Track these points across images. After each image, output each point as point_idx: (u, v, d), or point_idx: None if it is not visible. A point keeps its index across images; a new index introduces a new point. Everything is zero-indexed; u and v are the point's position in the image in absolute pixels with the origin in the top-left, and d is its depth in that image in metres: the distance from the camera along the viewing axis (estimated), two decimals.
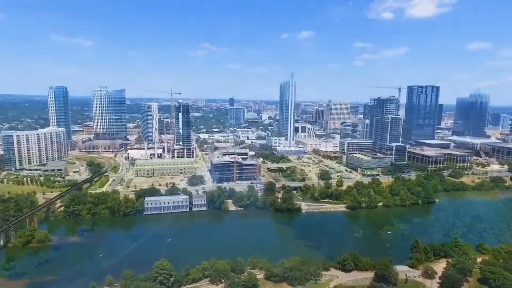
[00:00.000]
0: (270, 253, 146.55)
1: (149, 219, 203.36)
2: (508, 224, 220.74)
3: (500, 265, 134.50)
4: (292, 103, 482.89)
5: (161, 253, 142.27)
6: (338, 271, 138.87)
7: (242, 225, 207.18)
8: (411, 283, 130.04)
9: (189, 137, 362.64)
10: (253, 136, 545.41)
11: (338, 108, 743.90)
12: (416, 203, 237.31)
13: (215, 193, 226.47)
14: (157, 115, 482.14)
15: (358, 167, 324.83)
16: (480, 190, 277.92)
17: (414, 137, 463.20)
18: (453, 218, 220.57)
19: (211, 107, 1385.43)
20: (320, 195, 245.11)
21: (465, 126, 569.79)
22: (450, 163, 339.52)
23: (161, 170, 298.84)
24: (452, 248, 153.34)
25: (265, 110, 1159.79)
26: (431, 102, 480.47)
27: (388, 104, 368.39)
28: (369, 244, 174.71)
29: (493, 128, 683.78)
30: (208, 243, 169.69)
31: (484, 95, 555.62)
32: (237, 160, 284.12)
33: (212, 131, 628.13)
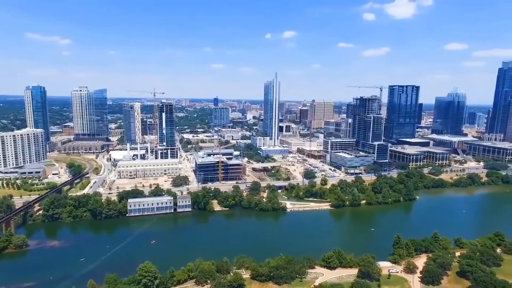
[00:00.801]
0: (256, 253, 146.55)
1: (133, 221, 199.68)
2: (484, 218, 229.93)
3: (477, 258, 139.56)
4: (276, 102, 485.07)
5: (145, 255, 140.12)
6: (323, 268, 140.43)
7: (227, 225, 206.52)
8: (393, 278, 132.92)
9: (173, 138, 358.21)
10: (237, 136, 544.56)
11: (322, 107, 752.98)
12: (398, 200, 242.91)
13: (200, 194, 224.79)
14: (140, 115, 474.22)
15: (341, 165, 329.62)
16: (458, 187, 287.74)
17: (395, 136, 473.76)
18: (433, 214, 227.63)
19: (195, 107, 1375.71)
20: (305, 194, 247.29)
21: (443, 124, 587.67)
22: (430, 161, 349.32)
23: (144, 171, 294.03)
24: (432, 243, 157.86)
25: (250, 109, 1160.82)
26: (411, 102, 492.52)
27: (370, 103, 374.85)
28: (353, 241, 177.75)
29: (469, 127, 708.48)
30: (194, 244, 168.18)
31: (461, 94, 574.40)
32: (222, 160, 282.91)
33: (196, 131, 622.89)
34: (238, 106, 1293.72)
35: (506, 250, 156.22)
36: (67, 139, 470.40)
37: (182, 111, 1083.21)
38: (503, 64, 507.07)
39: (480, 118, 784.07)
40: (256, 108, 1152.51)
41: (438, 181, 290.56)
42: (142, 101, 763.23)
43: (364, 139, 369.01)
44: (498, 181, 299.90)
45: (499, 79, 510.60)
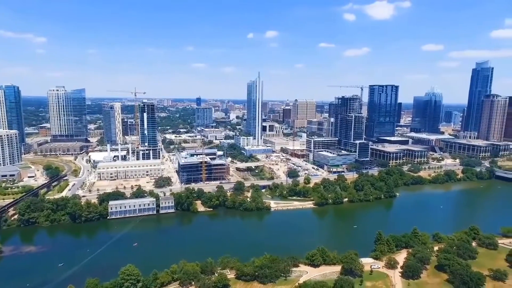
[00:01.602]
0: (240, 253, 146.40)
1: (114, 224, 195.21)
2: (460, 213, 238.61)
3: (454, 252, 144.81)
4: (259, 102, 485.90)
5: (127, 258, 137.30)
6: (307, 266, 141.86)
7: (211, 225, 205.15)
8: (375, 274, 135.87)
9: (154, 138, 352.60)
10: (221, 136, 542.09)
11: (305, 107, 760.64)
12: (379, 198, 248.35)
13: (183, 195, 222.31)
14: (120, 116, 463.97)
15: (324, 164, 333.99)
16: (435, 183, 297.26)
17: (376, 134, 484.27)
18: (412, 210, 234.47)
19: (177, 107, 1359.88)
20: (288, 193, 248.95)
21: (421, 123, 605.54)
22: (409, 159, 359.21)
23: (125, 172, 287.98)
24: (412, 238, 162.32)
25: (233, 109, 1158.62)
26: (391, 101, 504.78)
27: (351, 103, 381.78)
28: (336, 239, 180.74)
29: (446, 125, 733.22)
30: (177, 246, 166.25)
31: (437, 94, 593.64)
32: (205, 161, 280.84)
33: (179, 131, 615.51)
34: (221, 106, 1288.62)
35: (480, 243, 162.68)
36: (44, 140, 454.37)
37: (164, 111, 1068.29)
38: (477, 65, 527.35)
39: (455, 117, 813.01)
40: (239, 108, 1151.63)
41: (417, 178, 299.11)
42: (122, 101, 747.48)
43: (346, 138, 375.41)
44: (472, 177, 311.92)
45: (473, 79, 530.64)
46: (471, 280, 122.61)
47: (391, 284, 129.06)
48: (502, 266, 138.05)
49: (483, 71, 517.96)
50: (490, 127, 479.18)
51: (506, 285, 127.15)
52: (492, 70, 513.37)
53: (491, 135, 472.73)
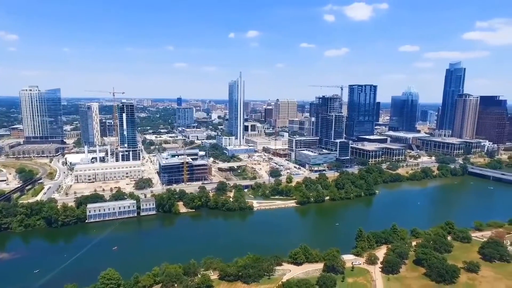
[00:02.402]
0: (224, 253, 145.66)
1: (93, 227, 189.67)
2: (436, 209, 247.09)
3: (431, 247, 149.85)
4: (241, 102, 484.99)
5: (107, 262, 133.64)
6: (290, 265, 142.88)
7: (194, 226, 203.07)
8: (357, 270, 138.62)
9: (134, 139, 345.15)
10: (202, 136, 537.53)
11: (286, 106, 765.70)
12: (360, 195, 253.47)
13: (165, 196, 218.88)
14: (98, 116, 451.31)
15: (306, 163, 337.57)
16: (413, 180, 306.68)
17: (355, 133, 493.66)
18: (391, 207, 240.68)
19: (157, 107, 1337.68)
20: (271, 192, 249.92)
21: (399, 122, 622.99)
22: (388, 157, 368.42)
23: (104, 174, 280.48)
24: (391, 234, 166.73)
25: (215, 109, 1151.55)
26: (370, 100, 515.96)
27: (332, 102, 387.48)
28: (318, 237, 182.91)
29: (422, 124, 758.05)
30: (159, 248, 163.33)
31: (414, 93, 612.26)
32: (187, 161, 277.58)
33: (159, 132, 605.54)
34: (203, 105, 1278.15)
35: (455, 237, 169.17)
36: (16, 142, 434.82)
37: (144, 111, 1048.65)
38: (450, 66, 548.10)
39: (431, 116, 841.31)
40: (221, 108, 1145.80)
41: (395, 176, 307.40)
42: (100, 101, 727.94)
43: (326, 137, 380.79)
44: (447, 173, 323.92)
45: (447, 80, 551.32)
46: (447, 273, 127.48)
47: (371, 279, 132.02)
48: (475, 258, 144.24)
49: (456, 71, 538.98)
50: (463, 125, 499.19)
51: (478, 276, 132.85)
52: (464, 70, 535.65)
53: (464, 133, 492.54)
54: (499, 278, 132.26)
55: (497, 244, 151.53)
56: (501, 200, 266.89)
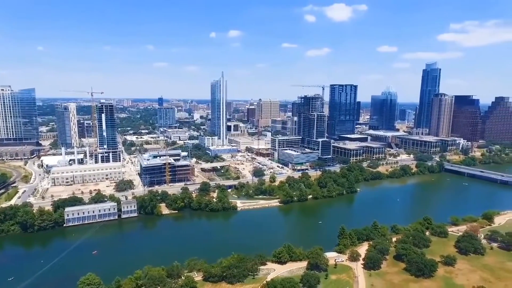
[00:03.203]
0: (208, 254, 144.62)
1: (71, 231, 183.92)
2: (415, 205, 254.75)
3: (410, 242, 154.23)
4: (223, 102, 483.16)
5: (87, 267, 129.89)
6: (274, 264, 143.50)
7: (177, 228, 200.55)
8: (339, 267, 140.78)
9: (114, 140, 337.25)
10: (185, 136, 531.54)
11: (269, 106, 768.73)
12: (341, 193, 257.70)
13: (146, 198, 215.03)
14: (76, 117, 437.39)
15: (289, 162, 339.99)
16: (392, 178, 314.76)
17: (337, 132, 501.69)
18: (372, 204, 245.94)
19: (138, 107, 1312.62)
20: (254, 192, 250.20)
21: (379, 121, 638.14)
22: (368, 155, 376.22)
23: (83, 176, 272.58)
24: (372, 231, 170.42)
25: (197, 109, 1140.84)
26: (350, 100, 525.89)
27: (313, 102, 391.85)
28: (302, 235, 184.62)
29: (401, 122, 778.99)
30: (141, 251, 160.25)
31: (392, 93, 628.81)
32: (169, 162, 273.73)
33: (140, 132, 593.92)
34: (185, 105, 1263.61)
35: (433, 232, 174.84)
36: None
37: (124, 112, 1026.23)
38: (426, 66, 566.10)
39: (409, 115, 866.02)
40: (203, 108, 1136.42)
41: (375, 174, 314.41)
42: (78, 101, 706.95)
43: (309, 136, 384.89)
44: (425, 171, 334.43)
45: (424, 80, 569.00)
46: (425, 267, 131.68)
47: (354, 276, 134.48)
48: (451, 252, 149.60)
49: (432, 72, 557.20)
50: (439, 124, 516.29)
51: (455, 269, 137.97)
52: (440, 71, 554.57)
53: (440, 131, 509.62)
54: (473, 270, 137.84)
55: (472, 238, 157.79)
56: (475, 196, 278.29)
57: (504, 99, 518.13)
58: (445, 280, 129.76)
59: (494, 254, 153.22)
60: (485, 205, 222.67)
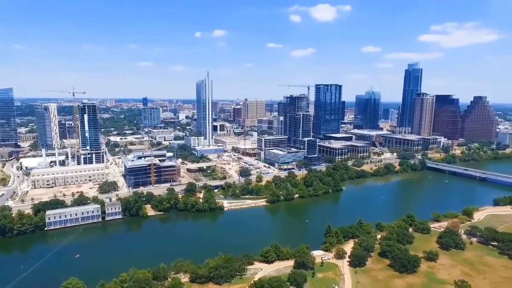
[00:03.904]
0: (194, 255, 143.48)
1: (53, 235, 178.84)
2: (398, 202, 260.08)
3: (394, 239, 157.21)
4: (209, 102, 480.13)
5: (70, 271, 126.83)
6: (261, 263, 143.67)
7: (163, 229, 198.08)
8: (326, 265, 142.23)
9: (97, 141, 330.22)
10: (170, 137, 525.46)
11: (255, 106, 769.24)
12: (327, 192, 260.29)
13: (131, 199, 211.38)
14: (57, 118, 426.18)
15: (275, 162, 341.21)
16: (377, 176, 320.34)
17: (322, 132, 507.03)
18: (357, 202, 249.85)
19: (121, 107, 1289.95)
20: (241, 192, 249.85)
21: (363, 120, 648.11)
22: (353, 154, 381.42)
23: (65, 178, 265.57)
24: (358, 229, 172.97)
25: (182, 109, 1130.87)
26: (335, 99, 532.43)
27: (299, 101, 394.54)
28: (289, 234, 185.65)
29: (384, 121, 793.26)
30: (126, 253, 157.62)
31: (376, 92, 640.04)
32: (154, 163, 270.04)
33: (124, 133, 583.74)
34: (170, 105, 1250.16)
35: (416, 229, 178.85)
36: None
37: (107, 112, 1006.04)
38: (409, 66, 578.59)
39: (392, 114, 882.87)
40: (189, 108, 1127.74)
41: (360, 172, 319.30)
42: (59, 102, 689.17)
43: (295, 136, 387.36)
44: (408, 169, 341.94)
45: (406, 79, 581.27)
46: (409, 263, 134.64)
47: (340, 273, 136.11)
48: (434, 248, 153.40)
49: (414, 72, 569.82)
50: (421, 123, 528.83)
51: (437, 264, 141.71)
52: (421, 71, 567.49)
53: (422, 130, 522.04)
54: (454, 264, 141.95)
55: (453, 233, 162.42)
56: (455, 192, 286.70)
57: (482, 99, 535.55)
58: (428, 275, 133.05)
59: (474, 248, 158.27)
60: (465, 201, 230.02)
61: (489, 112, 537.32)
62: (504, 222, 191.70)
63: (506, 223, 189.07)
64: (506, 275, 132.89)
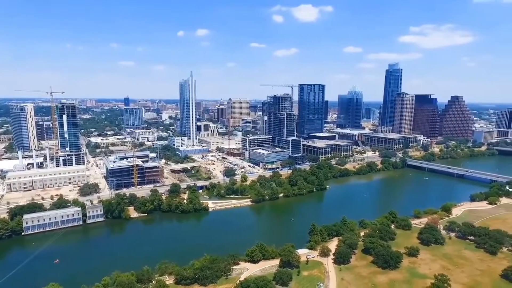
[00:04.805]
0: (179, 257, 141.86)
1: (31, 240, 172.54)
2: (381, 200, 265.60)
3: (377, 236, 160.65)
4: (193, 101, 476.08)
5: (49, 277, 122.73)
6: (247, 263, 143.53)
7: (147, 231, 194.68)
8: (311, 263, 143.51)
9: (77, 142, 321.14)
10: (153, 137, 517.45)
11: (239, 106, 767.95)
12: (312, 191, 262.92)
13: (113, 201, 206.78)
14: (34, 118, 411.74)
15: (260, 161, 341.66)
16: (360, 174, 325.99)
17: (306, 131, 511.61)
18: (341, 200, 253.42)
19: (102, 107, 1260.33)
20: (226, 192, 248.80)
21: (346, 119, 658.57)
22: (336, 153, 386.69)
23: (43, 181, 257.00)
24: (342, 227, 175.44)
25: (165, 109, 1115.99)
26: (319, 99, 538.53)
27: (283, 101, 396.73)
28: (274, 233, 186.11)
29: (366, 121, 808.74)
30: (109, 257, 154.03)
31: (358, 92, 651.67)
32: (136, 164, 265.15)
33: (105, 134, 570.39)
34: (152, 106, 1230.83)
35: (398, 225, 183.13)
36: None
37: (87, 113, 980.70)
38: (389, 66, 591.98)
39: (374, 113, 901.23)
40: (172, 108, 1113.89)
41: (344, 171, 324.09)
42: (36, 102, 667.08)
43: (279, 135, 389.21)
44: (389, 167, 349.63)
45: (386, 79, 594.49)
46: (391, 259, 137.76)
47: (325, 271, 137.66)
48: (415, 244, 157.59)
49: (394, 72, 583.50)
50: (401, 122, 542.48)
51: (418, 259, 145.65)
52: (401, 71, 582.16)
53: (403, 129, 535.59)
54: (434, 259, 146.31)
55: (433, 229, 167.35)
56: (435, 189, 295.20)
57: (458, 98, 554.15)
58: (410, 271, 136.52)
59: (452, 243, 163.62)
60: (444, 197, 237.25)
61: (465, 111, 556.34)
62: (480, 217, 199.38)
63: (482, 218, 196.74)
64: (482, 268, 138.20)
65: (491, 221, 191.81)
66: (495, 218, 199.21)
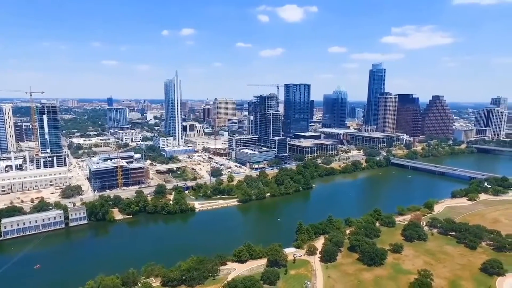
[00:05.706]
0: (166, 258, 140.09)
1: (10, 245, 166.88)
2: (365, 198, 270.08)
3: (362, 233, 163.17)
4: (178, 101, 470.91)
5: (29, 284, 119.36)
6: (234, 263, 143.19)
7: (132, 233, 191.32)
8: (298, 262, 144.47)
9: (58, 143, 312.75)
10: (138, 138, 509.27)
11: (225, 105, 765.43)
12: (298, 190, 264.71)
13: (97, 203, 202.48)
14: (12, 119, 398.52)
15: (246, 161, 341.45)
16: (345, 173, 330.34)
17: (292, 131, 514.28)
18: (327, 199, 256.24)
19: (85, 108, 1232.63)
20: (212, 192, 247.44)
21: (331, 119, 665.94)
22: (322, 152, 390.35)
23: (23, 184, 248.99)
24: (328, 225, 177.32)
25: (150, 109, 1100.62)
26: (304, 99, 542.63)
27: (269, 101, 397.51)
28: (261, 233, 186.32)
29: (351, 120, 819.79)
30: (93, 260, 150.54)
31: (343, 92, 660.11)
32: (121, 165, 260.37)
33: (88, 134, 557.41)
34: (137, 106, 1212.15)
35: (382, 223, 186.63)
36: None
37: (69, 113, 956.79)
38: (373, 67, 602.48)
39: (358, 113, 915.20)
40: (157, 108, 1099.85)
41: (329, 170, 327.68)
42: (14, 102, 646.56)
43: (265, 135, 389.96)
44: (374, 165, 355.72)
45: (370, 79, 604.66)
46: (377, 256, 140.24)
47: (312, 269, 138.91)
48: (399, 240, 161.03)
49: (377, 72, 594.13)
50: (385, 121, 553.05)
51: (402, 256, 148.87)
52: (385, 71, 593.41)
53: (386, 128, 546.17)
54: (418, 255, 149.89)
55: (416, 226, 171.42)
56: (417, 186, 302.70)
57: (439, 98, 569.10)
58: (394, 267, 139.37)
59: (435, 239, 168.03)
60: (426, 194, 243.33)
61: (446, 111, 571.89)
62: (460, 213, 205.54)
63: (462, 214, 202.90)
64: (462, 263, 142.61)
65: (471, 216, 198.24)
66: (475, 214, 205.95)
